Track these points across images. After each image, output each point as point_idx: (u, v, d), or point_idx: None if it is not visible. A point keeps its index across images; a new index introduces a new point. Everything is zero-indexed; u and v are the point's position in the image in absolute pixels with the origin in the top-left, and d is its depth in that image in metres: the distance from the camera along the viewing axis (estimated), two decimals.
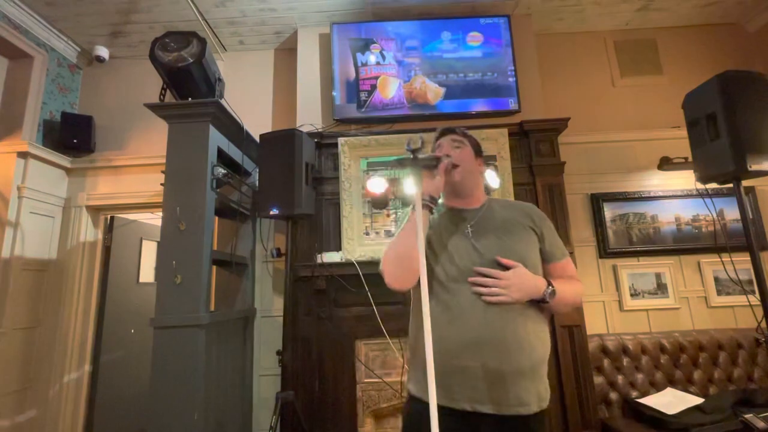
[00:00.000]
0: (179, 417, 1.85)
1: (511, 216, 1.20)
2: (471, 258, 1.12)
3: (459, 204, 1.24)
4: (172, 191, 2.09)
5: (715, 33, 3.17)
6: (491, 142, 2.68)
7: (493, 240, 1.14)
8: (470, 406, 1.03)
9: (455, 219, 1.21)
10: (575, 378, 2.36)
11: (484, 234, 1.15)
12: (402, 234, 1.13)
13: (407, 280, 1.10)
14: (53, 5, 2.71)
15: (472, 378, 1.03)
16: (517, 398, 1.03)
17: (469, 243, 1.14)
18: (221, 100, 2.30)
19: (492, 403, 1.02)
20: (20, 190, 2.66)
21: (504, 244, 1.13)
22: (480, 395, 1.03)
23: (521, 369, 1.03)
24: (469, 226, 1.17)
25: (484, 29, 2.89)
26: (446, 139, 1.24)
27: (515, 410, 1.03)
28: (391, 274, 1.10)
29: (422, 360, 1.08)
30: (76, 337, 2.84)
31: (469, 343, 1.03)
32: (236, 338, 2.48)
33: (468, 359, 1.03)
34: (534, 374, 1.07)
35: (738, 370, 2.47)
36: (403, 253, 1.09)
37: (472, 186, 1.23)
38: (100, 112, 3.13)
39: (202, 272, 2.01)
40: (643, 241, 2.83)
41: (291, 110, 3.00)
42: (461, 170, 1.17)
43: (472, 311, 1.06)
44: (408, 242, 1.10)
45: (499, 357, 1.02)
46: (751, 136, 1.58)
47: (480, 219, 1.19)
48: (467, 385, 1.03)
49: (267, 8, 2.82)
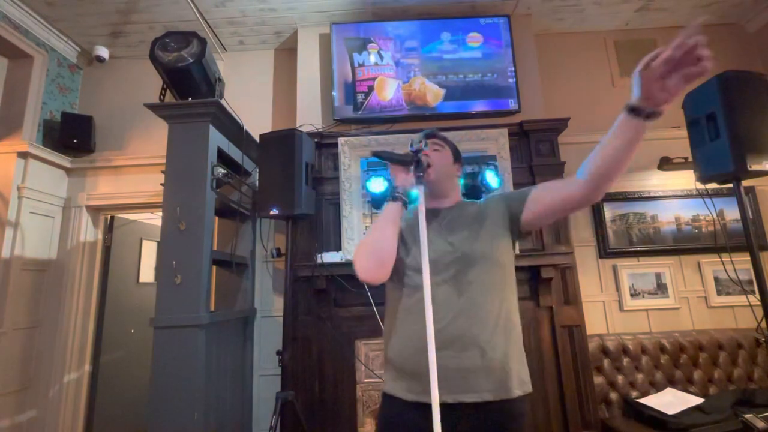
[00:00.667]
0: (179, 417, 1.85)
1: (482, 210, 1.23)
2: (443, 251, 1.13)
3: (434, 204, 1.25)
4: (172, 191, 2.09)
5: (715, 33, 3.17)
6: (491, 142, 2.68)
7: (466, 234, 1.16)
8: (450, 398, 1.03)
9: (429, 216, 1.21)
10: (575, 378, 2.36)
11: (457, 229, 1.18)
12: (376, 226, 1.15)
13: (379, 274, 1.11)
14: (53, 5, 2.71)
15: (451, 370, 1.03)
16: (495, 384, 1.04)
17: (442, 236, 1.17)
18: (221, 100, 2.30)
19: (472, 392, 1.03)
20: (20, 190, 2.66)
21: (474, 236, 1.15)
22: (459, 386, 1.03)
23: (499, 356, 1.05)
24: (443, 222, 1.20)
25: (483, 29, 2.89)
26: (429, 145, 1.27)
27: (496, 395, 1.04)
28: (363, 267, 1.10)
29: (398, 356, 1.12)
30: (76, 337, 2.84)
31: (445, 335, 1.03)
32: (236, 338, 2.48)
33: (451, 351, 1.04)
34: (512, 358, 1.08)
35: (738, 370, 2.47)
36: (377, 245, 1.11)
37: (447, 188, 1.26)
38: (100, 112, 3.13)
39: (202, 272, 2.01)
40: (643, 241, 2.83)
41: (291, 110, 3.00)
42: (435, 171, 1.18)
43: (446, 304, 1.07)
44: (382, 235, 1.12)
45: (475, 347, 1.04)
46: (751, 136, 1.59)
47: (453, 216, 1.22)
48: (445, 377, 1.01)
49: (267, 8, 2.82)
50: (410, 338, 1.09)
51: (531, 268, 2.43)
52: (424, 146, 1.14)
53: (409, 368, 1.08)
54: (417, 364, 1.04)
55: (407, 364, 1.09)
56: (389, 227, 1.13)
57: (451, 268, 1.11)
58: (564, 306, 2.47)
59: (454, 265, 1.11)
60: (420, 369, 1.01)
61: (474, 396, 1.03)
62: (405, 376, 1.09)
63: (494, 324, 1.08)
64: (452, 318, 1.06)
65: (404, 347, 1.11)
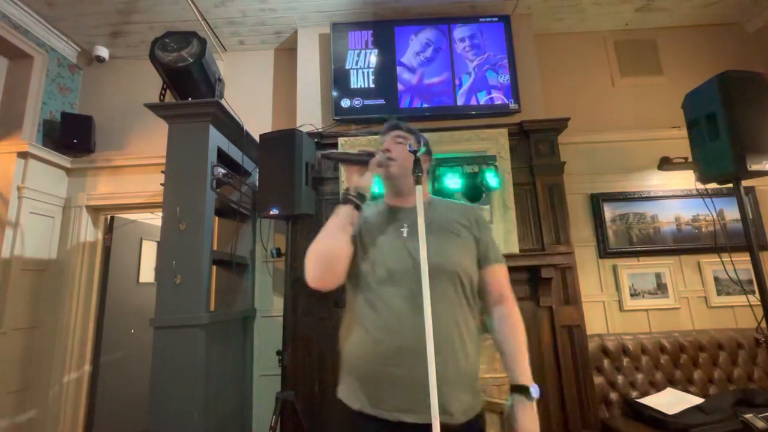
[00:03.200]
0: (179, 417, 1.85)
1: (451, 218, 1.16)
2: (402, 261, 1.05)
3: (398, 202, 1.18)
4: (172, 191, 2.09)
5: (715, 33, 3.17)
6: (491, 142, 2.68)
7: (429, 242, 1.03)
8: (392, 416, 0.97)
9: (391, 218, 1.16)
10: (575, 378, 2.36)
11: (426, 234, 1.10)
12: (326, 232, 1.07)
13: (330, 282, 1.05)
14: (53, 5, 2.71)
15: (400, 387, 0.98)
16: (442, 406, 0.94)
17: (403, 244, 1.08)
18: (221, 100, 2.30)
19: (416, 413, 0.96)
20: (20, 190, 2.66)
21: (439, 248, 1.06)
22: (405, 404, 0.97)
23: (454, 378, 0.99)
24: (406, 226, 1.11)
25: (483, 29, 2.89)
26: (391, 134, 1.21)
27: (444, 419, 0.94)
28: (313, 276, 1.04)
29: (354, 363, 1.05)
30: (76, 337, 2.84)
31: (402, 349, 0.98)
32: (236, 338, 2.48)
33: (397, 367, 0.98)
34: (466, 383, 1.03)
35: (738, 370, 2.47)
36: (327, 252, 1.05)
37: (411, 183, 1.10)
38: (100, 112, 3.13)
39: (202, 272, 2.01)
40: (643, 241, 2.83)
41: (291, 110, 3.00)
42: (398, 165, 1.12)
43: (403, 317, 1.00)
44: (333, 241, 1.05)
45: (424, 362, 0.94)
46: (751, 136, 1.59)
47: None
48: (394, 393, 0.98)
49: (267, 8, 2.82)
50: (364, 345, 1.03)
51: (531, 268, 2.43)
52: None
53: (362, 377, 1.03)
54: (377, 374, 0.99)
55: (363, 374, 1.03)
56: (340, 232, 1.06)
57: (411, 278, 1.02)
58: (564, 306, 2.47)
59: (414, 275, 1.01)
60: (380, 380, 0.99)
61: (417, 417, 0.95)
62: (358, 386, 1.03)
63: (452, 342, 1.01)
64: (407, 333, 0.98)
65: (359, 355, 1.04)
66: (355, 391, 1.04)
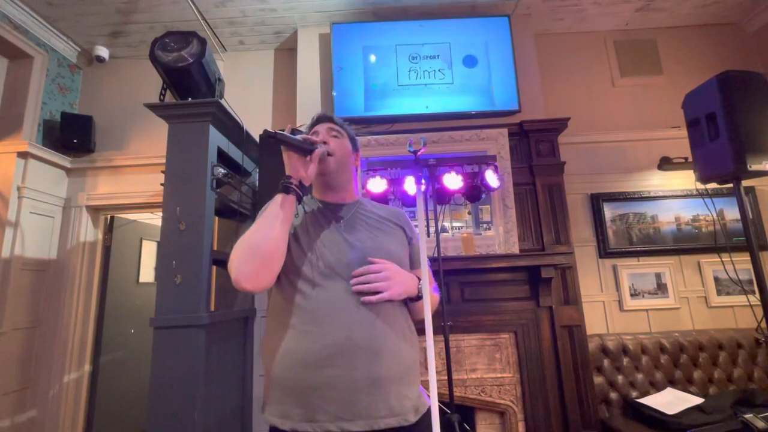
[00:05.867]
0: (179, 417, 1.85)
1: (384, 215, 1.15)
2: (342, 252, 1.01)
3: (331, 198, 1.14)
4: (172, 191, 2.09)
5: (715, 33, 3.17)
6: (491, 142, 2.68)
7: (367, 235, 1.06)
8: (336, 426, 0.88)
9: (326, 212, 1.11)
10: (575, 378, 2.36)
11: (358, 229, 1.07)
12: (262, 223, 0.96)
13: (264, 280, 0.94)
14: (53, 5, 2.71)
15: (339, 390, 0.89)
16: (390, 408, 0.91)
17: (341, 236, 1.04)
18: (221, 100, 2.30)
19: (363, 419, 0.89)
20: (20, 190, 2.66)
21: (378, 241, 1.06)
22: (349, 411, 0.89)
23: (396, 374, 0.94)
24: (342, 220, 1.09)
25: (483, 29, 2.89)
26: (323, 127, 1.14)
27: (390, 422, 0.91)
28: (242, 272, 0.90)
29: (283, 373, 0.94)
30: (76, 337, 2.84)
31: (337, 348, 0.91)
32: (236, 338, 2.48)
33: (335, 368, 0.90)
34: (408, 378, 0.98)
35: (738, 370, 2.47)
36: (262, 246, 0.93)
37: (346, 179, 1.14)
38: (100, 112, 3.13)
39: (202, 272, 2.01)
40: (643, 241, 2.83)
41: (291, 110, 3.00)
42: (336, 160, 1.08)
43: (343, 310, 0.94)
44: (270, 233, 0.93)
45: (371, 362, 0.91)
46: (751, 136, 1.59)
47: (353, 213, 1.11)
48: (333, 400, 0.89)
49: (267, 8, 2.82)
50: (296, 348, 0.94)
51: (531, 268, 2.42)
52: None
53: (294, 387, 0.92)
54: (306, 383, 0.91)
55: (294, 383, 0.92)
56: (278, 224, 0.94)
57: (351, 271, 0.98)
58: (564, 306, 2.47)
59: (355, 268, 0.99)
60: (310, 389, 0.90)
61: (364, 424, 0.89)
62: (288, 399, 0.93)
63: (398, 338, 0.98)
64: (348, 330, 0.92)
65: (290, 361, 0.94)
66: (285, 407, 0.92)
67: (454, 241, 2.58)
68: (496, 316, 2.43)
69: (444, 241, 2.53)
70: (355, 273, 0.98)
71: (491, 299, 2.47)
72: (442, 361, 2.04)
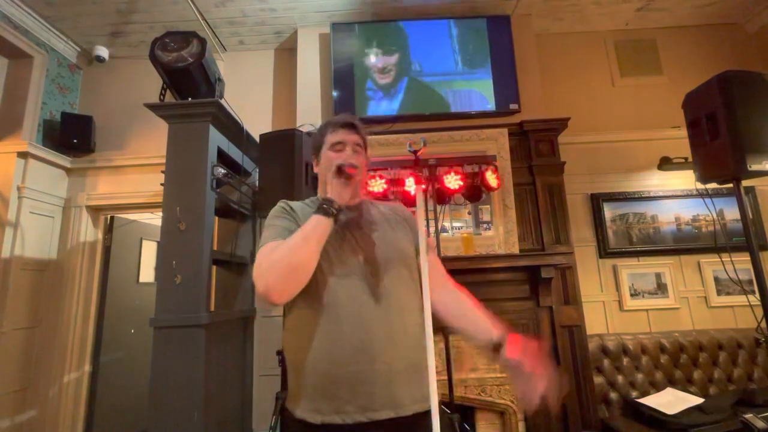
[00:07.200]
0: (179, 417, 1.85)
1: (388, 212, 1.20)
2: (355, 252, 1.06)
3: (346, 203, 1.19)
4: (172, 191, 2.09)
5: (715, 33, 3.17)
6: (491, 142, 2.68)
7: (377, 234, 1.11)
8: (365, 416, 0.93)
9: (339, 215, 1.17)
10: (575, 378, 2.36)
11: (368, 229, 1.12)
12: (304, 241, 0.98)
13: (290, 294, 0.98)
14: (53, 5, 2.71)
15: (365, 384, 0.94)
16: (412, 396, 0.98)
17: (353, 237, 1.09)
18: (221, 100, 2.30)
19: (389, 408, 0.95)
20: (20, 190, 2.66)
21: (387, 238, 1.11)
22: (375, 402, 0.94)
23: (415, 363, 0.99)
24: (353, 221, 1.13)
25: (484, 29, 2.89)
26: (350, 138, 1.15)
27: (415, 408, 0.97)
28: (276, 289, 0.94)
29: (311, 373, 0.98)
30: (76, 337, 2.84)
31: (359, 344, 0.96)
32: (236, 338, 2.48)
33: (359, 363, 0.95)
34: (425, 367, 1.01)
35: (738, 370, 2.47)
36: (303, 263, 0.96)
37: (359, 187, 1.17)
38: (100, 112, 3.13)
39: (202, 272, 2.01)
40: (643, 241, 2.83)
41: (291, 110, 3.00)
42: (359, 171, 1.10)
43: (361, 307, 0.99)
44: (308, 254, 0.97)
45: (393, 353, 0.97)
46: (751, 136, 1.58)
47: (362, 214, 1.16)
48: (360, 393, 0.94)
49: (267, 8, 2.82)
50: (323, 351, 0.98)
51: (531, 268, 2.42)
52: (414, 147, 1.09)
53: (322, 383, 0.97)
54: (334, 377, 0.95)
55: (323, 379, 0.97)
56: (316, 246, 0.98)
57: (363, 270, 1.03)
58: (564, 306, 2.47)
59: (366, 267, 1.03)
60: (337, 384, 0.95)
61: (388, 412, 0.95)
62: (317, 395, 0.97)
63: (415, 330, 1.02)
64: (368, 326, 0.97)
65: (318, 359, 0.98)
66: (315, 403, 0.97)
67: (454, 241, 2.58)
68: (496, 316, 2.43)
69: (444, 241, 2.53)
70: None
71: (491, 299, 2.46)
72: (442, 361, 2.04)
